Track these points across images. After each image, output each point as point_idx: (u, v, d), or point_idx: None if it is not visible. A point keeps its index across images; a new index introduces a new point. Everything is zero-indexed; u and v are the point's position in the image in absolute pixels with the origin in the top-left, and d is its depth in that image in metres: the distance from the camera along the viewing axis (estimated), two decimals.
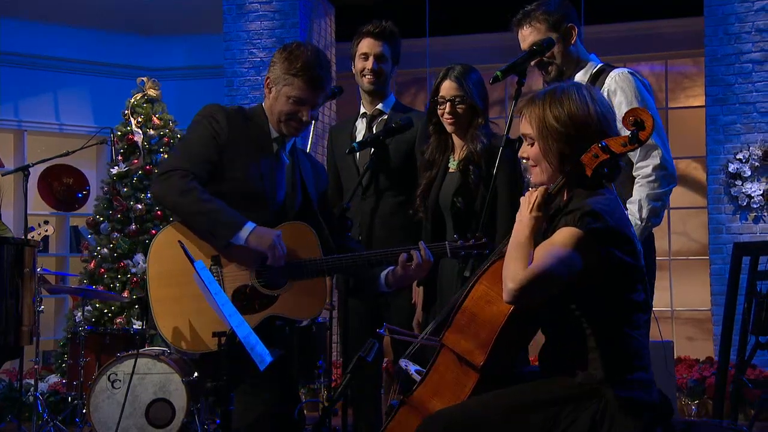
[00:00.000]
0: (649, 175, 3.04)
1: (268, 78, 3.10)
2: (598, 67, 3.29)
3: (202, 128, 3.04)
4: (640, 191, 3.03)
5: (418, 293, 3.64)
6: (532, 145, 2.33)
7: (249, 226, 2.90)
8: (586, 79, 3.24)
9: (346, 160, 3.87)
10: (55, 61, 8.93)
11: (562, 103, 2.28)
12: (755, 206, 7.10)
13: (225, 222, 2.90)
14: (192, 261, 2.46)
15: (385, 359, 5.93)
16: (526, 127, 2.34)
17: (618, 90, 3.11)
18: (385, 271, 3.07)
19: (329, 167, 3.98)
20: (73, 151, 6.54)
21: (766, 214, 7.43)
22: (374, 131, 3.80)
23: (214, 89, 8.78)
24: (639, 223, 3.00)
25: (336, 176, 3.94)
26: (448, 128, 3.48)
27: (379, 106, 3.87)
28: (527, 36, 3.31)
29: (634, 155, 3.06)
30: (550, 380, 2.25)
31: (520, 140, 3.12)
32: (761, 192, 7.05)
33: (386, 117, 3.83)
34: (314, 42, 8.80)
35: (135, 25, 8.96)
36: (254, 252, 2.93)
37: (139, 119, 7.42)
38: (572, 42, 3.30)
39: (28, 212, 6.45)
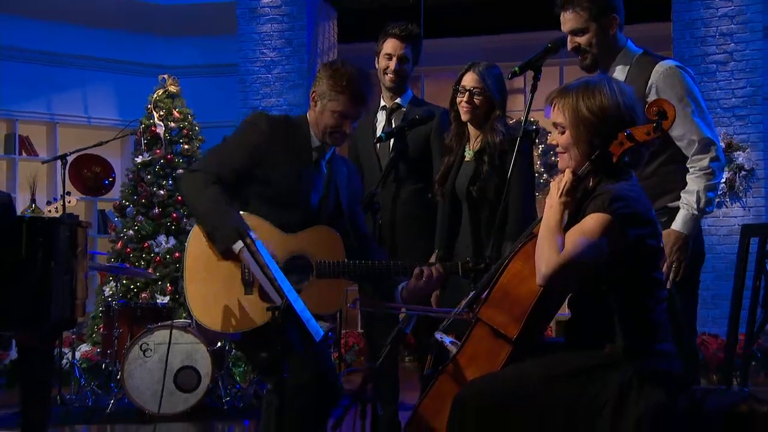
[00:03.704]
0: (706, 168, 2.85)
1: (314, 92, 3.01)
2: (637, 56, 3.04)
3: (243, 134, 3.00)
4: (697, 182, 2.85)
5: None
6: (563, 133, 2.29)
7: (239, 245, 2.77)
8: (627, 69, 3.02)
9: (367, 150, 3.83)
10: (84, 60, 8.88)
11: (594, 95, 2.23)
12: (719, 193, 7.12)
13: (223, 231, 2.80)
14: (253, 240, 2.41)
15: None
16: (557, 116, 2.29)
17: (668, 87, 2.88)
18: (400, 285, 2.99)
19: (350, 155, 3.93)
20: (106, 142, 6.49)
21: (727, 200, 7.47)
22: (393, 123, 3.76)
23: (229, 86, 8.75)
24: (696, 213, 2.84)
25: (358, 164, 3.90)
26: (463, 116, 3.43)
27: (398, 100, 3.81)
28: (567, 20, 3.05)
29: (689, 150, 2.89)
30: (579, 352, 2.22)
31: (536, 131, 3.10)
32: (724, 180, 7.05)
33: (405, 110, 3.78)
34: (318, 43, 8.75)
35: (157, 26, 8.91)
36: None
37: (161, 113, 7.35)
38: (612, 32, 3.02)
39: (57, 196, 6.39)
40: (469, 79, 3.42)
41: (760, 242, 2.61)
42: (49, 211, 6.15)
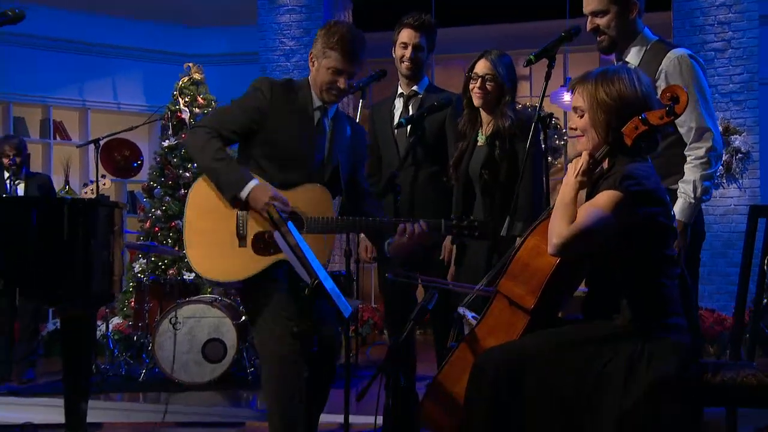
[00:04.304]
0: (702, 157, 2.81)
1: (311, 53, 3.05)
2: (652, 42, 2.99)
3: (246, 98, 3.04)
4: (693, 171, 2.81)
5: (448, 251, 3.59)
6: (582, 116, 2.28)
7: (249, 186, 2.88)
8: (641, 54, 2.97)
9: (386, 135, 3.82)
10: (114, 49, 8.87)
11: (612, 82, 2.23)
12: (716, 181, 7.08)
13: (229, 180, 2.89)
14: (284, 220, 2.41)
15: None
16: (578, 100, 2.29)
17: (676, 74, 2.83)
18: (387, 241, 3.02)
19: (370, 140, 3.91)
20: (135, 127, 6.52)
21: (724, 181, 7.43)
22: (410, 109, 3.75)
23: (250, 73, 8.66)
24: (692, 201, 2.80)
25: (376, 148, 3.90)
26: (476, 101, 3.41)
27: (415, 87, 3.79)
28: (590, 1, 3.00)
29: (688, 137, 2.86)
30: (594, 323, 2.23)
31: (550, 116, 3.08)
32: (721, 162, 7.01)
33: (421, 97, 3.77)
34: None
35: (182, 17, 8.89)
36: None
37: (186, 99, 7.34)
38: (631, 17, 2.95)
39: (93, 179, 6.41)
40: (481, 67, 3.41)
41: (767, 222, 2.59)
42: (86, 192, 6.18)
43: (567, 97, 8.20)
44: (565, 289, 2.39)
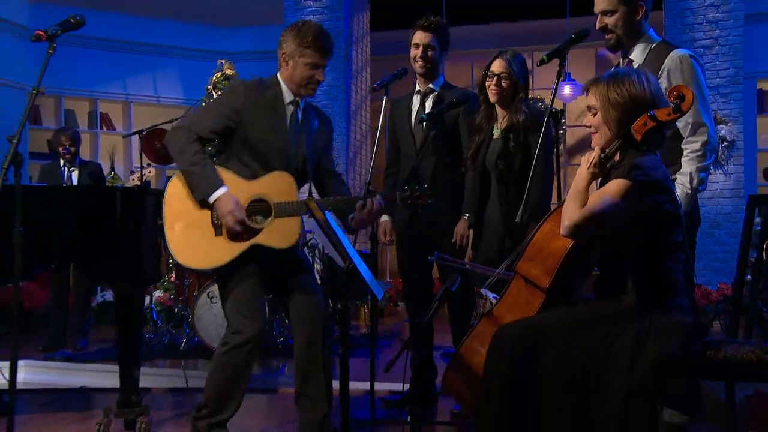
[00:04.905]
0: (698, 150, 2.76)
1: (284, 53, 3.03)
2: (656, 43, 2.91)
3: (222, 99, 3.03)
4: (689, 164, 2.77)
5: (460, 235, 3.55)
6: (595, 114, 2.25)
7: (217, 194, 2.88)
8: (646, 53, 2.91)
9: (405, 129, 3.78)
10: (154, 47, 8.87)
11: (622, 83, 2.20)
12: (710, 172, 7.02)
13: (200, 185, 2.88)
14: (324, 213, 2.39)
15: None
16: (591, 100, 2.26)
17: (677, 72, 2.79)
18: (350, 216, 3.02)
19: (390, 135, 3.88)
20: (176, 119, 6.46)
21: (711, 167, 7.34)
22: (426, 106, 3.71)
23: (276, 69, 8.66)
24: (689, 192, 2.77)
25: (395, 141, 3.86)
26: (492, 98, 3.37)
27: (431, 85, 3.74)
28: (602, 1, 2.93)
29: (685, 131, 2.81)
30: (604, 303, 2.21)
31: (561, 112, 3.04)
32: (715, 155, 6.95)
33: (436, 93, 3.73)
34: (353, 31, 8.64)
35: (215, 17, 8.85)
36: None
37: (220, 92, 7.31)
38: (637, 17, 2.89)
39: (137, 166, 6.42)
40: (497, 66, 3.37)
41: (764, 211, 2.56)
42: (132, 179, 6.18)
43: (567, 90, 8.14)
44: (579, 271, 2.36)
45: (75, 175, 5.95)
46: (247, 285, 2.92)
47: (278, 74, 3.08)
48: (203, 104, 2.99)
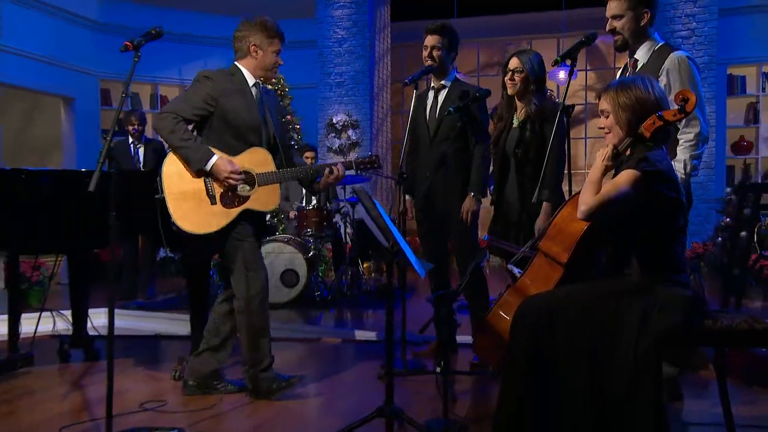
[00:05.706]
0: (692, 140, 2.71)
1: (253, 45, 3.02)
2: (659, 45, 2.84)
3: (198, 85, 2.97)
4: (684, 152, 2.72)
5: (466, 211, 3.47)
6: (607, 117, 2.20)
7: (212, 161, 2.88)
8: (650, 53, 2.83)
9: (421, 119, 3.69)
10: (204, 38, 8.79)
11: (630, 89, 2.15)
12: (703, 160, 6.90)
13: (195, 157, 2.88)
14: (373, 200, 2.35)
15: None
16: (603, 104, 2.21)
17: (675, 72, 2.73)
18: (317, 179, 3.12)
19: (409, 127, 3.77)
20: None
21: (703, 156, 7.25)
22: (439, 99, 3.64)
23: (309, 57, 8.56)
24: (683, 177, 2.71)
25: (413, 129, 3.76)
26: (509, 91, 3.32)
27: (443, 81, 3.66)
28: (612, 7, 2.86)
29: (680, 124, 2.74)
30: (615, 279, 2.17)
31: (572, 107, 2.97)
32: (707, 145, 6.82)
33: (448, 88, 3.64)
34: (376, 23, 8.48)
35: (253, 11, 8.66)
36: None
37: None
38: (642, 23, 2.82)
39: None
40: (513, 63, 3.33)
41: (754, 198, 2.51)
42: None
43: (562, 75, 7.99)
44: (594, 251, 2.33)
45: (141, 150, 5.93)
46: (247, 245, 2.97)
47: (237, 63, 3.07)
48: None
